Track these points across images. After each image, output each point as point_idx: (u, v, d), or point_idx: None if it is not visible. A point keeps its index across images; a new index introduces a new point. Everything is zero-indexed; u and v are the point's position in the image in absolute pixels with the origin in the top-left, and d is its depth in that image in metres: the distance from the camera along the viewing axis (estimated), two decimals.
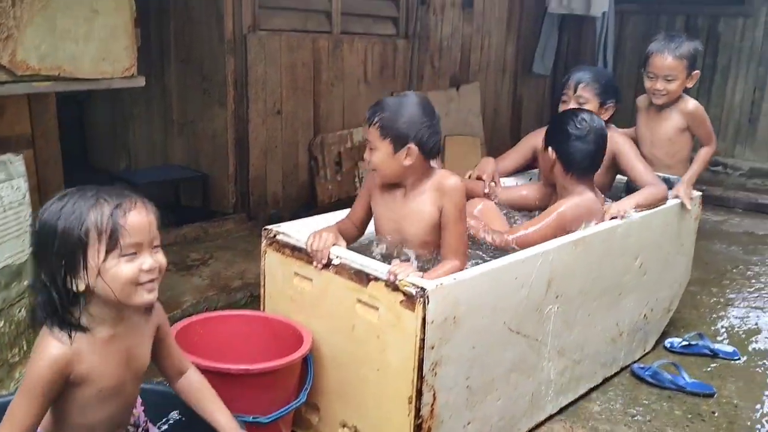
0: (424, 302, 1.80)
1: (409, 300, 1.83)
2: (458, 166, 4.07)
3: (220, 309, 3.05)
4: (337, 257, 2.03)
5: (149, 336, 1.53)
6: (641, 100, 3.01)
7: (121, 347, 1.44)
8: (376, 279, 1.91)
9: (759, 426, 2.47)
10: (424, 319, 1.81)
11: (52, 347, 1.33)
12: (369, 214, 2.26)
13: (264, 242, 2.25)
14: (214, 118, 3.92)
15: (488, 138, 5.67)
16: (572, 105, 2.75)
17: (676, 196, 2.77)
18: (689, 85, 2.88)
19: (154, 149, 4.23)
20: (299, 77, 4.11)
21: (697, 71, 2.88)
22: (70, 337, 1.34)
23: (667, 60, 2.83)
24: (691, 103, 2.92)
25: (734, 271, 4.02)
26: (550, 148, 2.49)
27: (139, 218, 1.36)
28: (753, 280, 3.88)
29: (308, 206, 4.25)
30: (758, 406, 2.60)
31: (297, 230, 2.24)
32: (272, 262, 2.23)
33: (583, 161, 2.45)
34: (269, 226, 2.27)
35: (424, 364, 1.84)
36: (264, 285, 2.28)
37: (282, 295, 2.20)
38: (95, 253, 1.32)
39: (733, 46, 5.83)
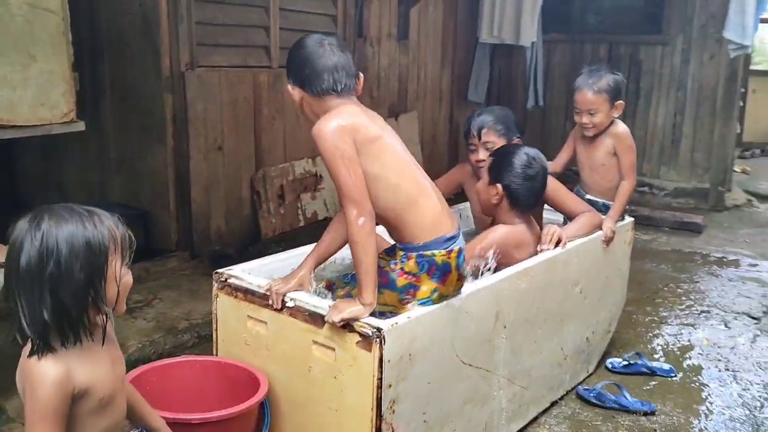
0: (380, 342, 1.84)
1: (366, 340, 1.86)
2: None
3: (167, 351, 3.01)
4: (291, 300, 2.05)
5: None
6: (576, 130, 3.14)
7: (105, 353, 1.44)
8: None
9: None
10: (381, 359, 1.85)
11: (49, 368, 1.31)
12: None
13: (215, 286, 2.25)
14: (154, 156, 3.88)
15: (426, 165, 5.75)
16: (482, 153, 2.81)
17: (604, 233, 2.88)
18: (615, 114, 3.02)
19: (90, 188, 4.15)
20: (240, 112, 4.12)
21: (620, 102, 3.01)
22: (64, 346, 1.34)
23: (587, 96, 2.97)
24: (621, 127, 3.06)
25: (665, 289, 4.21)
26: (499, 185, 2.56)
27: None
28: (683, 297, 4.07)
29: (252, 240, 4.24)
30: (696, 421, 2.73)
31: (249, 273, 2.25)
32: (224, 306, 2.23)
33: (530, 198, 2.55)
34: (220, 270, 2.27)
35: (382, 403, 1.87)
36: (216, 329, 2.28)
37: (236, 339, 2.20)
38: (114, 264, 1.37)
39: (653, 73, 6.15)
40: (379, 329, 1.85)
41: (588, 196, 3.08)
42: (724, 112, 6.00)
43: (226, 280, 2.22)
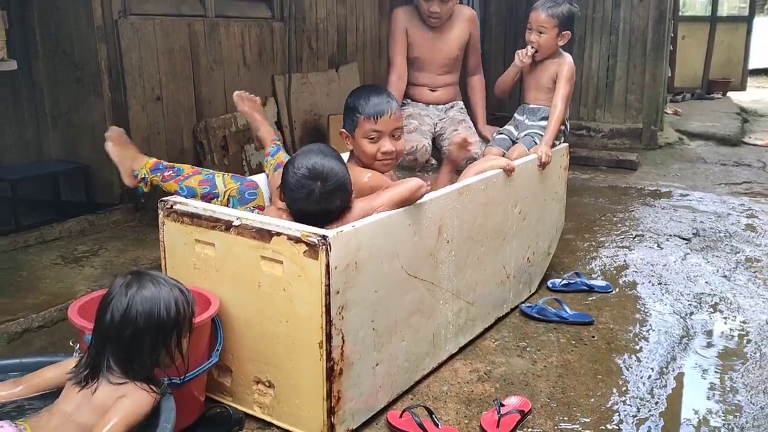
0: (326, 250, 1.90)
1: (312, 249, 1.92)
2: (343, 143, 4.19)
3: None
4: (237, 219, 2.09)
5: None
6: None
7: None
8: (278, 234, 1.99)
9: (632, 344, 2.76)
10: (327, 266, 1.91)
11: (152, 397, 1.63)
12: None
13: (161, 213, 2.27)
14: (91, 108, 3.81)
15: None
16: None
17: (539, 156, 3.01)
18: (560, 42, 3.17)
19: (25, 146, 4.05)
20: (177, 62, 4.07)
21: (567, 32, 3.16)
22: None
23: (540, 15, 3.11)
24: (568, 59, 3.22)
25: (602, 218, 4.39)
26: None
27: None
28: (619, 225, 4.26)
29: None
30: (631, 328, 2.90)
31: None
32: (171, 232, 2.25)
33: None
34: (166, 198, 2.29)
35: (331, 309, 1.94)
36: (164, 257, 2.30)
37: (184, 264, 2.23)
38: (175, 338, 1.72)
39: (587, 18, 6.29)
40: (324, 237, 1.91)
41: (531, 105, 3.26)
42: (654, 54, 6.21)
43: (171, 206, 2.24)
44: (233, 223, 2.09)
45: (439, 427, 2.14)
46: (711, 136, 6.78)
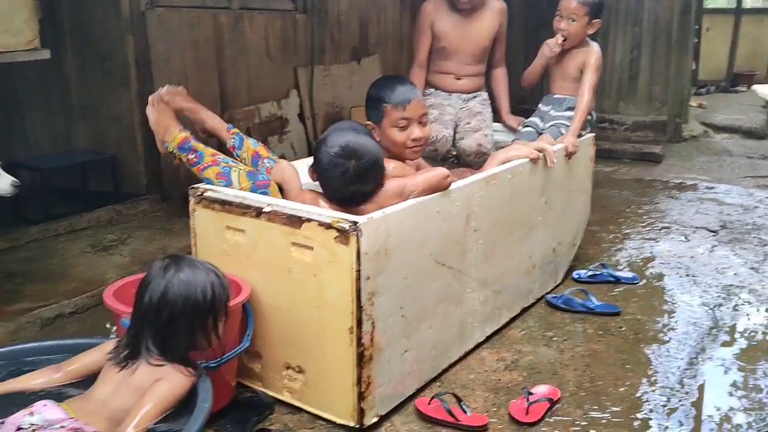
0: (357, 235, 1.91)
1: (343, 235, 1.93)
2: None
3: None
4: (268, 205, 2.10)
5: None
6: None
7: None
8: (309, 220, 2.00)
9: (661, 335, 2.74)
10: (358, 252, 1.92)
11: (189, 380, 1.66)
12: None
13: (192, 200, 2.29)
14: (118, 100, 3.85)
15: None
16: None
17: (565, 147, 2.99)
18: (590, 31, 3.15)
19: (55, 136, 4.10)
20: (202, 54, 4.10)
21: (598, 20, 3.15)
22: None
23: (572, 3, 3.09)
24: (596, 48, 3.18)
25: (628, 211, 4.36)
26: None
27: None
28: (644, 217, 4.23)
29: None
30: (659, 319, 2.88)
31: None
32: (202, 219, 2.28)
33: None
34: (196, 185, 2.31)
35: (362, 295, 1.95)
36: (195, 243, 2.32)
37: (215, 251, 2.25)
38: (211, 321, 1.75)
39: (610, 9, 6.23)
40: (355, 223, 1.92)
41: (557, 95, 3.25)
42: (679, 46, 6.14)
43: (202, 194, 2.27)
44: (264, 210, 2.10)
45: (468, 414, 2.15)
46: (737, 128, 6.70)
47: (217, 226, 2.23)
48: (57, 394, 1.68)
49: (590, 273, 3.25)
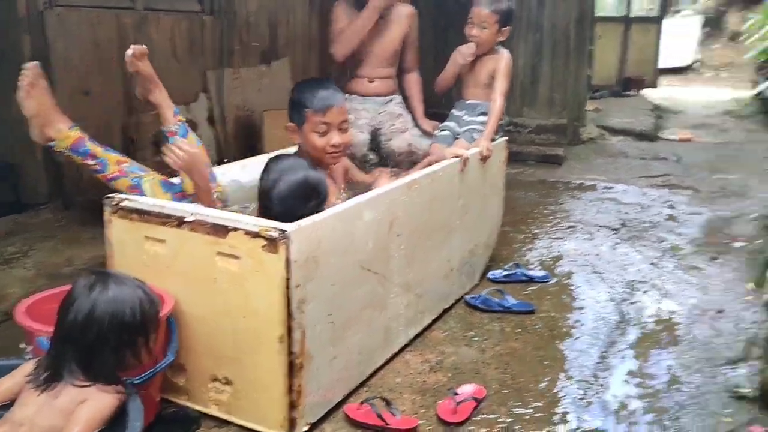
0: (287, 244, 1.89)
1: (272, 243, 1.90)
2: (278, 139, 4.15)
3: None
4: (191, 214, 2.04)
5: None
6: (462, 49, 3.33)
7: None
8: (235, 229, 1.96)
9: (574, 330, 2.87)
10: (288, 260, 1.90)
11: (116, 399, 1.60)
12: None
13: (108, 211, 2.19)
14: (15, 103, 3.62)
15: None
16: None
17: (480, 151, 3.08)
18: (501, 38, 3.25)
19: None
20: (105, 56, 3.93)
21: (508, 27, 3.25)
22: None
23: (483, 11, 3.18)
24: (506, 54, 3.29)
25: (535, 212, 4.53)
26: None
27: None
28: (551, 217, 4.41)
29: None
30: (570, 315, 3.01)
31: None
32: (119, 230, 2.18)
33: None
34: (112, 195, 2.21)
35: (292, 303, 1.93)
36: (112, 255, 2.23)
37: (133, 262, 2.16)
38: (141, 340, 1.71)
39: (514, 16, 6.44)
40: (284, 231, 1.90)
41: (470, 101, 3.34)
42: (576, 52, 6.44)
43: (118, 203, 2.17)
44: (186, 219, 2.04)
45: (398, 417, 2.17)
46: (630, 131, 7.10)
47: (136, 237, 2.14)
48: None
49: (505, 273, 3.36)
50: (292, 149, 2.77)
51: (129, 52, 2.49)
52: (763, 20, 8.94)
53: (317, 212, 2.10)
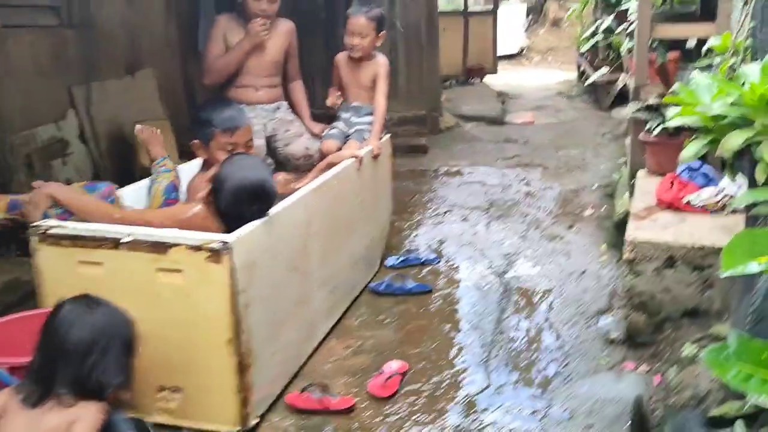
0: (230, 253, 2.05)
1: (215, 254, 2.06)
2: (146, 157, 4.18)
3: None
4: (128, 235, 2.14)
5: None
6: (340, 58, 3.57)
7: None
8: (176, 245, 2.09)
9: (469, 304, 3.23)
10: (232, 268, 2.07)
11: (103, 415, 1.70)
12: None
13: (34, 240, 2.22)
14: None
15: (172, 119, 5.75)
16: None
17: (372, 150, 3.36)
18: (378, 43, 3.52)
19: None
20: None
21: (383, 32, 3.51)
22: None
23: (361, 20, 3.42)
24: (383, 59, 3.59)
25: (413, 200, 4.89)
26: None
27: None
28: (428, 204, 4.79)
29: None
30: (463, 290, 3.38)
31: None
32: (47, 258, 2.22)
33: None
34: (37, 223, 2.25)
35: (239, 307, 2.10)
36: (40, 284, 2.26)
37: (66, 287, 2.16)
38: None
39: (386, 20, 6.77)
40: (225, 242, 2.06)
41: (354, 104, 3.59)
42: (429, 47, 6.89)
43: (45, 231, 2.21)
44: (123, 240, 2.14)
45: (335, 399, 2.40)
46: (481, 117, 7.68)
47: (68, 262, 2.20)
48: None
49: (400, 259, 3.67)
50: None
51: (138, 127, 2.96)
52: (580, 9, 9.93)
53: (262, 213, 2.27)
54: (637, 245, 2.68)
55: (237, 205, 2.26)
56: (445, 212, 4.59)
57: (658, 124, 3.42)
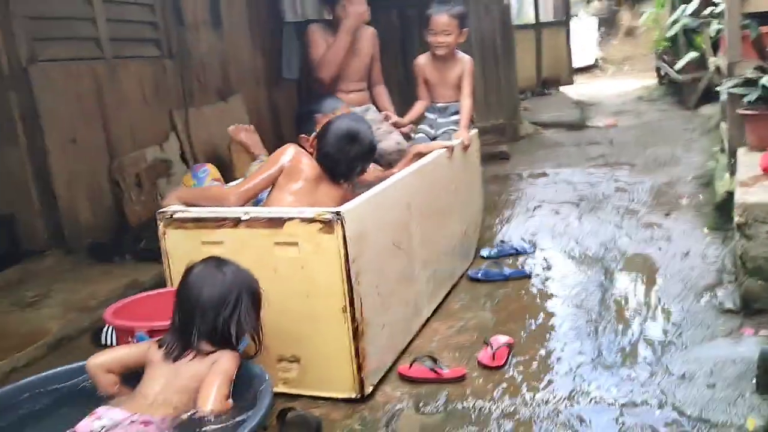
0: (342, 223, 2.16)
1: (328, 225, 2.17)
2: (243, 168, 4.40)
3: (85, 328, 3.02)
4: (245, 213, 2.29)
5: None
6: (421, 60, 3.68)
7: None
8: (291, 219, 2.22)
9: (568, 284, 3.23)
10: (344, 237, 2.17)
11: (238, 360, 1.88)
12: None
13: (161, 224, 2.41)
14: (6, 157, 3.75)
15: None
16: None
17: (462, 141, 3.44)
18: (461, 40, 3.60)
19: None
20: (86, 104, 4.09)
21: (466, 29, 3.61)
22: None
23: (444, 18, 3.52)
24: (467, 57, 3.67)
25: (500, 199, 4.93)
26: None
27: None
28: (516, 201, 4.83)
29: (123, 229, 4.23)
30: (561, 274, 3.38)
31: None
32: (174, 240, 2.40)
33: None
34: (163, 209, 2.43)
35: (351, 275, 2.20)
36: (169, 266, 2.43)
37: None
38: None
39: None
40: (338, 213, 2.17)
41: (440, 104, 3.67)
42: (505, 58, 6.96)
43: (171, 216, 2.39)
44: (242, 218, 2.29)
45: (446, 370, 2.45)
46: (560, 123, 7.65)
47: (193, 244, 2.36)
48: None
49: (495, 250, 3.70)
50: None
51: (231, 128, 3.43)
52: (656, 11, 9.78)
53: (362, 158, 2.51)
54: (747, 208, 2.63)
55: (340, 143, 2.45)
56: (535, 208, 4.60)
57: (758, 97, 3.35)
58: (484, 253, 3.69)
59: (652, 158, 5.90)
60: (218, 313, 1.83)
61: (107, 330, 2.81)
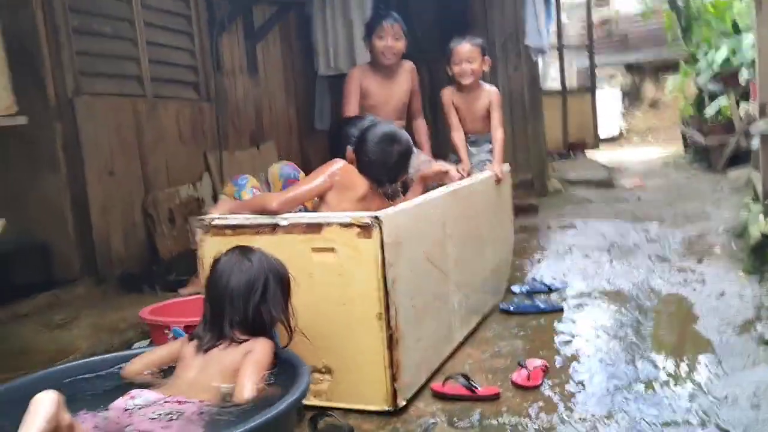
0: (380, 227, 2.17)
1: (366, 230, 2.18)
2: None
3: (115, 347, 3.01)
4: (284, 219, 2.31)
5: None
6: (447, 94, 3.73)
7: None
8: (329, 224, 2.23)
9: (603, 318, 3.17)
10: (382, 242, 2.17)
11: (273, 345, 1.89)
12: None
13: (200, 232, 2.43)
14: (46, 185, 3.83)
15: None
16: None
17: (495, 173, 3.46)
18: (485, 67, 3.66)
19: None
20: (125, 138, 4.21)
21: (488, 57, 3.67)
22: None
23: (466, 47, 3.58)
24: (494, 89, 3.71)
25: (529, 245, 4.90)
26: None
27: None
28: (546, 246, 4.81)
29: (154, 262, 4.26)
30: (596, 310, 3.32)
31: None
32: (212, 248, 2.39)
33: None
34: (201, 217, 2.46)
35: (387, 280, 2.19)
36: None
37: None
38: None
39: None
40: (377, 217, 2.18)
41: (472, 137, 3.72)
42: (533, 114, 7.07)
43: (209, 223, 2.42)
44: (280, 224, 2.30)
45: (479, 389, 2.39)
46: (589, 181, 7.67)
47: None
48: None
49: (526, 287, 3.67)
50: None
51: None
52: (682, 78, 9.92)
53: (403, 157, 2.61)
54: None
55: (380, 146, 2.55)
56: (565, 252, 4.57)
57: None
58: (516, 289, 3.65)
59: (681, 214, 5.85)
60: (248, 300, 1.83)
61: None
